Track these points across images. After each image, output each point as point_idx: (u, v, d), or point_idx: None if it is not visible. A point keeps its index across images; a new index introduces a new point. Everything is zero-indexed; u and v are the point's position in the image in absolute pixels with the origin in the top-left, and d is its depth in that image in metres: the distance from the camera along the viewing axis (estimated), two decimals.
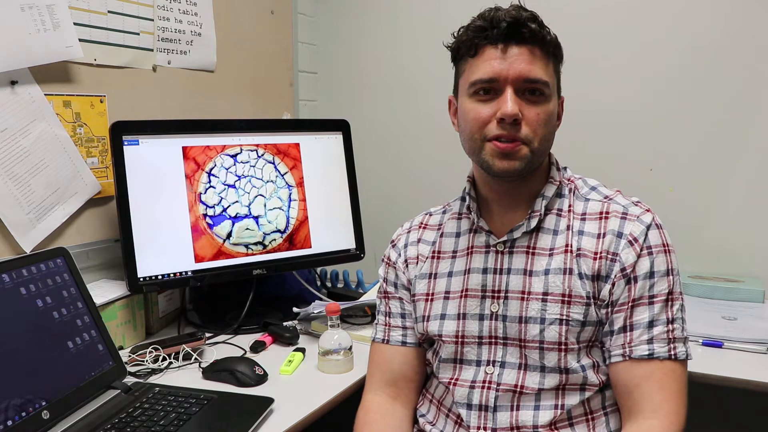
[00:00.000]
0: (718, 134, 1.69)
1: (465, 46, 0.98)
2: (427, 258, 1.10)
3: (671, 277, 0.96)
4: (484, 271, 1.03)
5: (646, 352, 0.93)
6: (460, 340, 1.03)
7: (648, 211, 0.99)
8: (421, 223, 1.16)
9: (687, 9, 1.69)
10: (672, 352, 0.94)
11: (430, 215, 1.16)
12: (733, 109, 1.67)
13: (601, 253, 0.97)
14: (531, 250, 1.01)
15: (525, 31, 0.93)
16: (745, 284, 1.62)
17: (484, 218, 1.06)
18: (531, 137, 0.95)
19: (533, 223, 1.01)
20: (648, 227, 0.97)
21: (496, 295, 1.01)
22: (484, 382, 1.00)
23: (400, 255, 1.14)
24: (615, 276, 0.96)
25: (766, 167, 1.66)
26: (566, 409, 0.96)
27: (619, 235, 0.97)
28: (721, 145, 1.69)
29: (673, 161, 1.74)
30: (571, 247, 0.99)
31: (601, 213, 1.00)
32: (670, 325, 0.94)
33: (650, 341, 0.94)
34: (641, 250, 0.96)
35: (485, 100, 0.96)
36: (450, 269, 1.07)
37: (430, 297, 1.08)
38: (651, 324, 0.94)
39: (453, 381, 1.03)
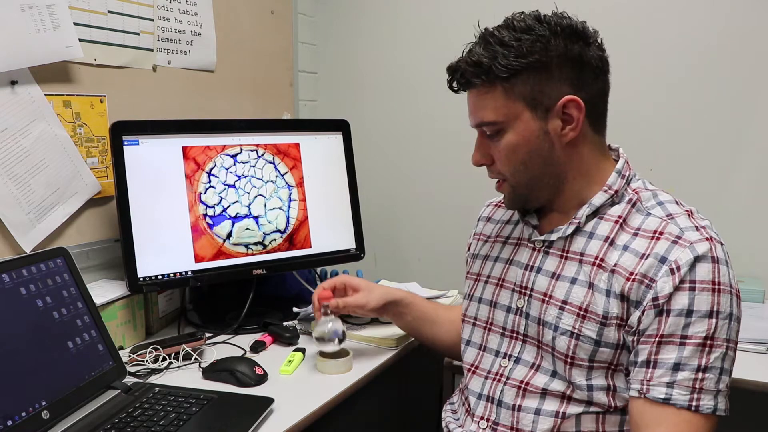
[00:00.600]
0: (718, 134, 1.69)
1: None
2: (488, 238, 1.15)
3: (714, 320, 0.85)
4: (521, 266, 1.04)
5: (662, 396, 0.85)
6: (488, 326, 1.07)
7: (708, 240, 0.88)
8: (499, 202, 1.19)
9: (687, 9, 1.69)
10: (694, 403, 0.84)
11: None
12: (734, 109, 1.67)
13: (636, 275, 0.89)
14: (564, 254, 0.99)
15: (462, 80, 0.96)
16: (745, 284, 1.61)
17: (537, 213, 1.06)
18: (503, 174, 0.99)
19: (570, 230, 0.98)
20: (698, 258, 0.86)
21: (522, 291, 1.02)
22: (496, 374, 1.03)
23: (476, 227, 1.20)
24: (646, 304, 0.87)
25: (766, 167, 1.66)
26: (566, 418, 0.94)
27: (663, 260, 0.87)
28: (722, 145, 1.69)
29: (673, 161, 1.74)
30: (603, 260, 0.93)
31: (654, 232, 0.91)
32: (700, 374, 0.84)
33: (670, 385, 0.85)
34: (680, 282, 0.85)
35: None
36: (498, 254, 1.10)
37: (477, 277, 1.12)
38: (676, 367, 0.85)
39: (473, 368, 1.07)
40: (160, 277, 1.37)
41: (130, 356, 1.23)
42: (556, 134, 0.94)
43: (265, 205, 1.52)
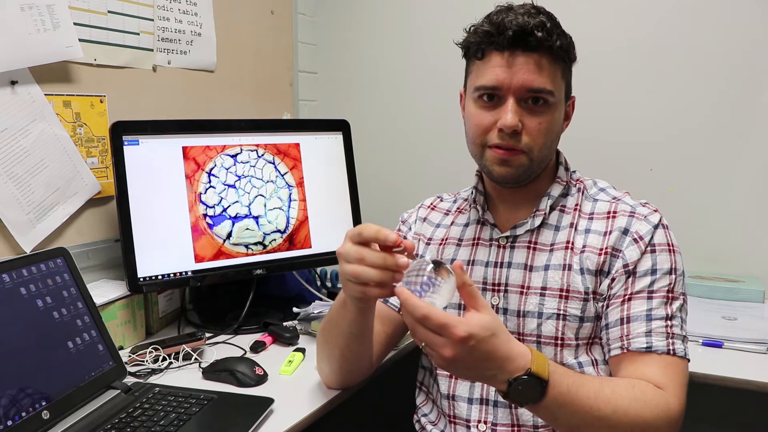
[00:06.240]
0: (718, 134, 1.69)
1: (473, 49, 0.99)
2: (430, 241, 1.13)
3: (673, 276, 0.96)
4: (486, 264, 1.04)
5: (644, 345, 0.93)
6: None
7: (656, 211, 1.00)
8: (431, 204, 1.20)
9: (686, 8, 1.69)
10: (670, 347, 0.92)
11: (441, 200, 1.20)
12: (734, 109, 1.67)
13: (606, 248, 0.98)
14: (532, 245, 1.03)
15: (531, 39, 0.92)
16: (745, 284, 1.62)
17: (491, 211, 1.08)
18: (531, 146, 0.96)
19: (537, 221, 1.03)
20: (655, 227, 0.98)
21: (496, 288, 1.03)
22: None
23: (410, 229, 1.18)
24: (616, 271, 0.97)
25: (766, 167, 1.66)
26: None
27: (625, 232, 0.98)
28: (722, 145, 1.69)
29: (673, 161, 1.74)
30: (573, 244, 1.00)
31: (608, 212, 1.01)
32: (668, 321, 0.94)
33: (648, 334, 0.93)
34: (645, 247, 0.96)
35: (488, 107, 0.97)
36: (453, 256, 1.09)
37: None
38: (649, 317, 0.94)
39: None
40: (160, 277, 1.37)
41: (130, 356, 1.23)
42: (562, 125, 1.03)
43: (265, 205, 1.52)
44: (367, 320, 1.00)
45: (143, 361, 1.22)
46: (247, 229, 1.49)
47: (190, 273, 1.41)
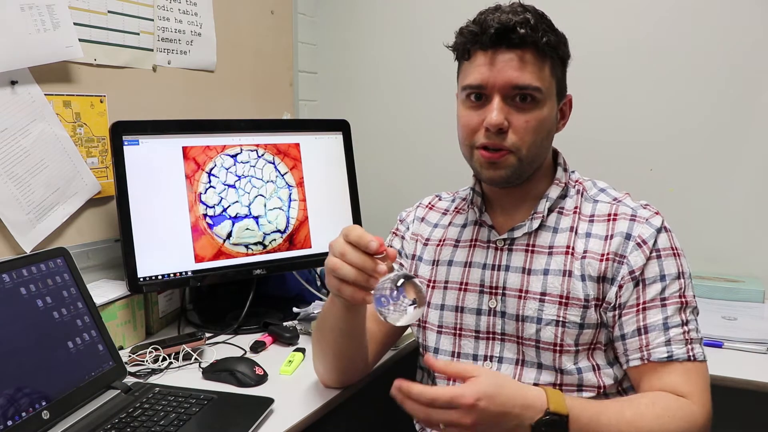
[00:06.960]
0: (718, 134, 1.69)
1: (459, 50, 0.99)
2: (428, 241, 1.13)
3: (682, 280, 0.96)
4: (484, 266, 1.04)
5: (665, 355, 0.93)
6: (457, 332, 1.05)
7: (657, 214, 0.99)
8: (429, 204, 1.19)
9: (686, 8, 1.69)
10: (690, 354, 0.93)
11: (440, 199, 1.19)
12: (734, 109, 1.67)
13: (608, 254, 0.96)
14: (530, 248, 1.02)
15: (514, 36, 0.92)
16: (745, 284, 1.62)
17: (489, 213, 1.07)
18: (518, 145, 0.95)
19: (535, 224, 1.02)
20: (658, 230, 0.96)
21: (493, 291, 1.02)
22: None
23: (408, 228, 1.17)
24: (622, 279, 0.95)
25: (766, 168, 1.66)
26: None
27: (628, 237, 0.96)
28: (722, 145, 1.69)
29: (673, 161, 1.74)
30: (574, 249, 0.99)
31: (609, 215, 1.00)
32: (684, 327, 0.94)
33: (668, 343, 0.93)
34: (650, 252, 0.95)
35: (475, 107, 0.97)
36: (451, 258, 1.08)
37: (431, 284, 1.09)
38: (666, 326, 0.93)
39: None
40: (160, 277, 1.37)
41: (130, 356, 1.23)
42: (555, 124, 1.01)
43: (265, 205, 1.52)
44: (356, 319, 1.00)
45: (143, 361, 1.22)
46: (247, 229, 1.49)
47: (190, 273, 1.41)
